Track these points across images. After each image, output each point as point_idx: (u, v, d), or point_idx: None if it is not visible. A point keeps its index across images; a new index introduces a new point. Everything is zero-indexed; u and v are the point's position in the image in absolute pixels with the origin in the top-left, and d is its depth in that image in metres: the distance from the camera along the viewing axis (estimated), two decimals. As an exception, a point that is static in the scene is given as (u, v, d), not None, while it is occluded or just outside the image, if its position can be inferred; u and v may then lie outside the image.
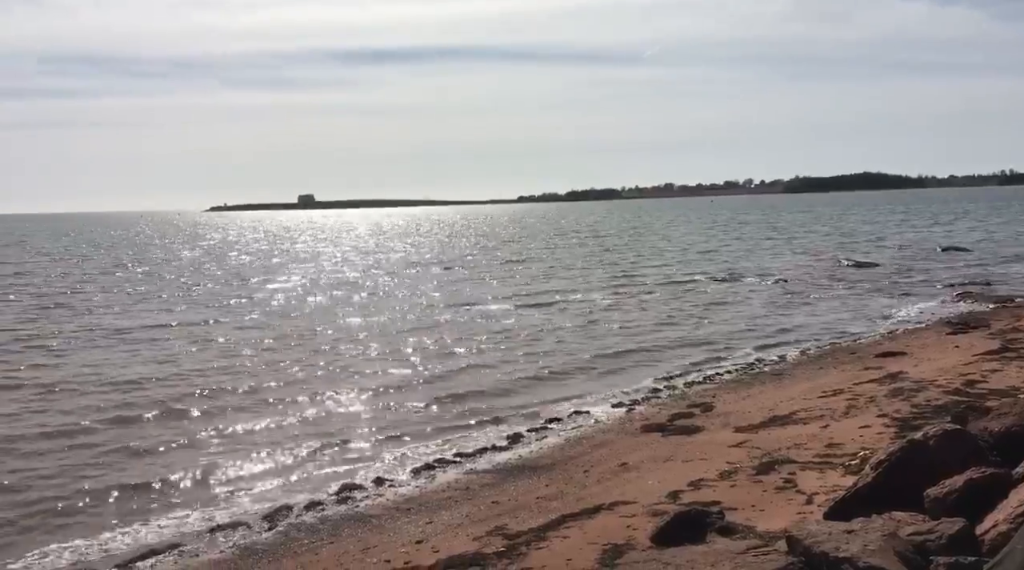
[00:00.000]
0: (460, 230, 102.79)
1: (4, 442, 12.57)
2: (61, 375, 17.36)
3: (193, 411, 14.44)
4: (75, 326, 24.36)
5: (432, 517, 9.50)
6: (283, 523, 9.65)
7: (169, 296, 32.48)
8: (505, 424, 13.76)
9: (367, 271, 43.98)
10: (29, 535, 9.34)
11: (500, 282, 35.65)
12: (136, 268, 48.37)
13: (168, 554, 8.84)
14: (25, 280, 40.70)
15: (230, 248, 71.85)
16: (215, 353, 19.86)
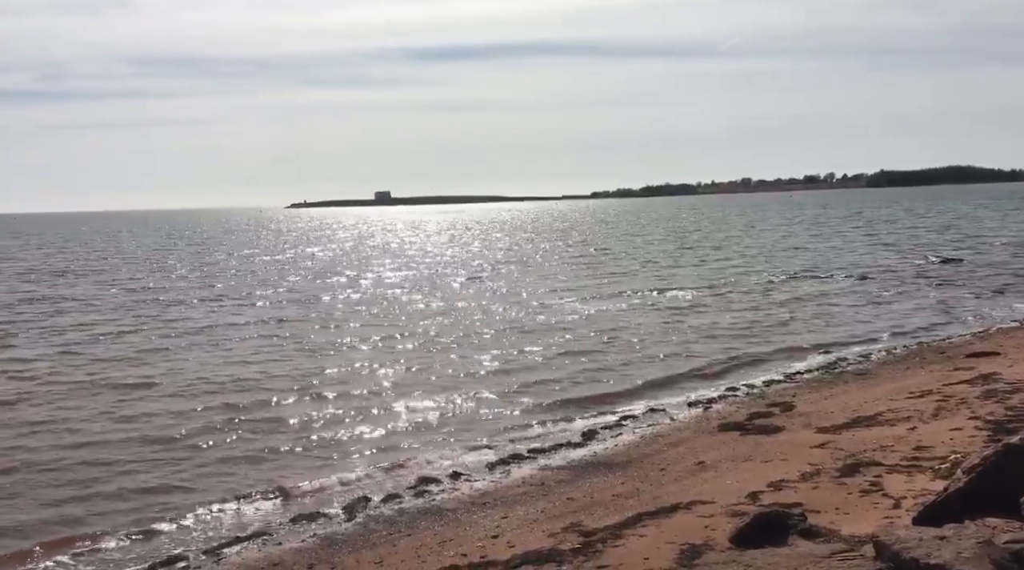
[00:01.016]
0: (535, 226, 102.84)
1: (100, 433, 13.08)
2: (153, 371, 17.98)
3: (275, 404, 14.79)
4: (172, 320, 25.23)
5: (507, 512, 9.53)
6: (362, 514, 9.81)
7: (254, 292, 33.34)
8: (580, 420, 13.71)
9: (444, 267, 44.37)
10: (122, 520, 9.70)
11: (576, 278, 35.53)
12: (230, 262, 49.84)
13: (252, 541, 9.08)
14: (126, 274, 42.31)
15: (314, 244, 73.33)
16: (298, 347, 20.31)
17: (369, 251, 61.29)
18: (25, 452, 11.99)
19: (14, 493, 10.46)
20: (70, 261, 54.22)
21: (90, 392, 15.66)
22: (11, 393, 15.56)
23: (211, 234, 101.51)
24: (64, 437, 12.76)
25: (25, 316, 26.56)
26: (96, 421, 13.61)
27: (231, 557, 8.70)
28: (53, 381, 16.59)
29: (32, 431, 12.98)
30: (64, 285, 37.13)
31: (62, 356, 19.37)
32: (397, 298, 30.10)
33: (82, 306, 28.99)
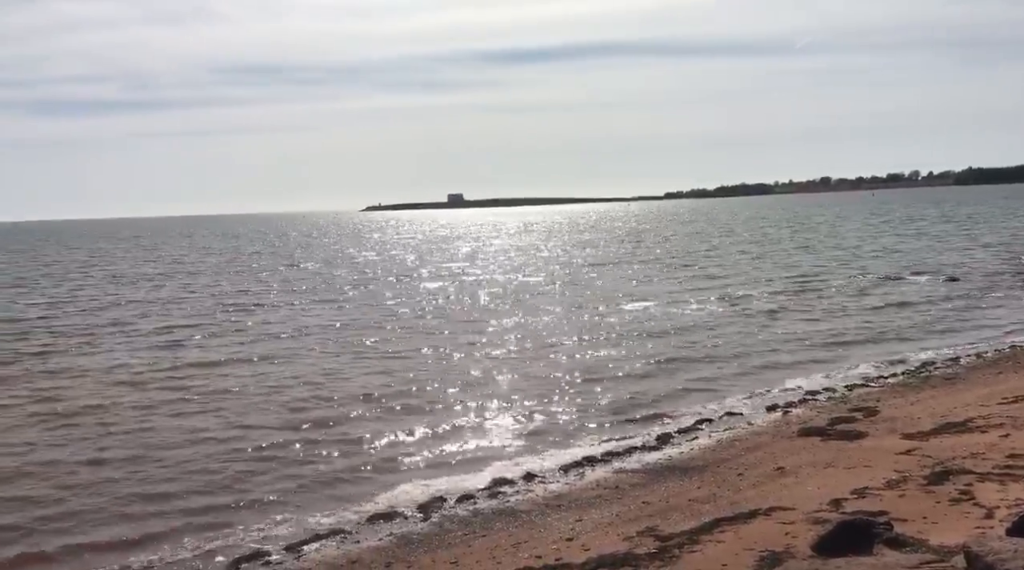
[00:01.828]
0: (610, 228, 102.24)
1: (183, 435, 13.51)
2: (234, 372, 18.49)
3: (353, 405, 15.05)
4: (255, 323, 25.94)
5: (582, 515, 9.49)
6: (437, 515, 9.90)
7: (334, 296, 33.99)
8: (654, 423, 13.57)
9: (519, 270, 44.49)
10: (206, 519, 10.00)
11: (653, 281, 35.20)
12: (308, 266, 50.98)
13: (331, 539, 9.25)
14: (211, 279, 43.66)
15: (392, 248, 74.38)
16: (375, 349, 20.63)
17: (445, 254, 61.82)
18: (110, 452, 12.41)
19: (100, 492, 10.83)
20: (157, 265, 56.16)
21: (175, 395, 16.18)
22: (97, 396, 16.13)
23: (291, 238, 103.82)
24: (149, 437, 13.21)
25: (112, 319, 27.59)
26: (178, 423, 14.04)
27: (311, 554, 8.87)
28: (139, 383, 17.17)
29: (118, 433, 13.44)
30: (151, 288, 38.47)
31: (148, 359, 20.05)
32: (474, 302, 30.27)
33: (166, 309, 29.99)
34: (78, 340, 22.70)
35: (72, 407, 14.85)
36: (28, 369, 18.60)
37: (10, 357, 20.31)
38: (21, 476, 11.37)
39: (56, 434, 13.18)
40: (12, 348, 21.65)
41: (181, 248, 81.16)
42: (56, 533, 9.57)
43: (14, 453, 12.43)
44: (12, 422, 14.19)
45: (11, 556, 9.02)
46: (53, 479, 11.19)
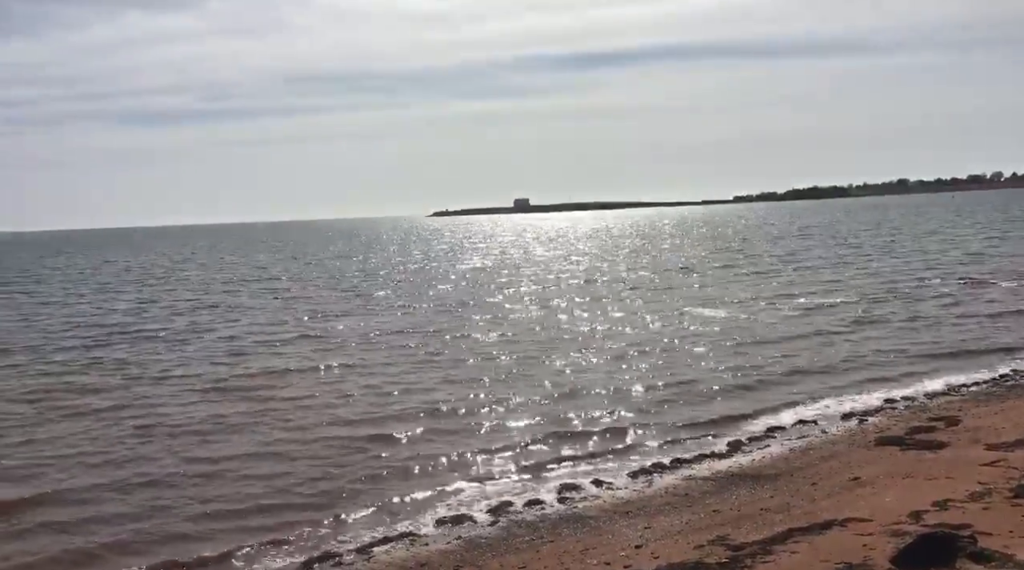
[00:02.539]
0: (678, 232, 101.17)
1: (264, 436, 13.83)
2: (309, 377, 18.83)
3: (421, 409, 15.16)
4: (329, 328, 26.42)
5: (651, 522, 9.39)
6: (505, 519, 9.91)
7: (406, 301, 34.39)
8: (724, 431, 13.35)
9: (587, 274, 44.35)
10: (276, 520, 10.20)
11: (723, 286, 34.66)
12: (380, 271, 51.75)
13: (400, 541, 9.34)
14: (286, 283, 44.62)
15: (461, 252, 74.97)
16: (445, 353, 20.78)
17: (512, 258, 61.99)
18: (190, 453, 12.75)
19: (182, 492, 11.15)
20: (235, 270, 57.64)
21: (247, 402, 16.56)
22: (176, 401, 16.61)
23: (362, 243, 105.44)
24: (224, 441, 13.53)
25: (189, 323, 28.41)
26: (251, 428, 14.33)
27: (380, 556, 8.98)
28: (212, 390, 17.60)
29: (194, 438, 13.75)
30: (229, 293, 39.52)
31: (223, 365, 20.58)
32: (541, 306, 30.26)
33: (242, 315, 30.74)
34: (159, 345, 23.38)
35: (147, 413, 15.19)
36: (109, 374, 19.11)
37: (92, 362, 21.06)
38: (118, 478, 11.70)
39: (136, 439, 13.50)
40: (94, 355, 22.45)
41: (258, 253, 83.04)
42: (147, 527, 9.88)
43: (100, 453, 12.89)
44: (90, 424, 14.69)
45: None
46: (145, 480, 11.50)
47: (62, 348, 22.89)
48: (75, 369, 19.51)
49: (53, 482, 11.45)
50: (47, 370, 19.52)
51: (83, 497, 10.98)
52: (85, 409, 15.57)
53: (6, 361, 21.13)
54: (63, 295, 40.98)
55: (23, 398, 16.55)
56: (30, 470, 11.98)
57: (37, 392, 17.07)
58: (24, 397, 16.66)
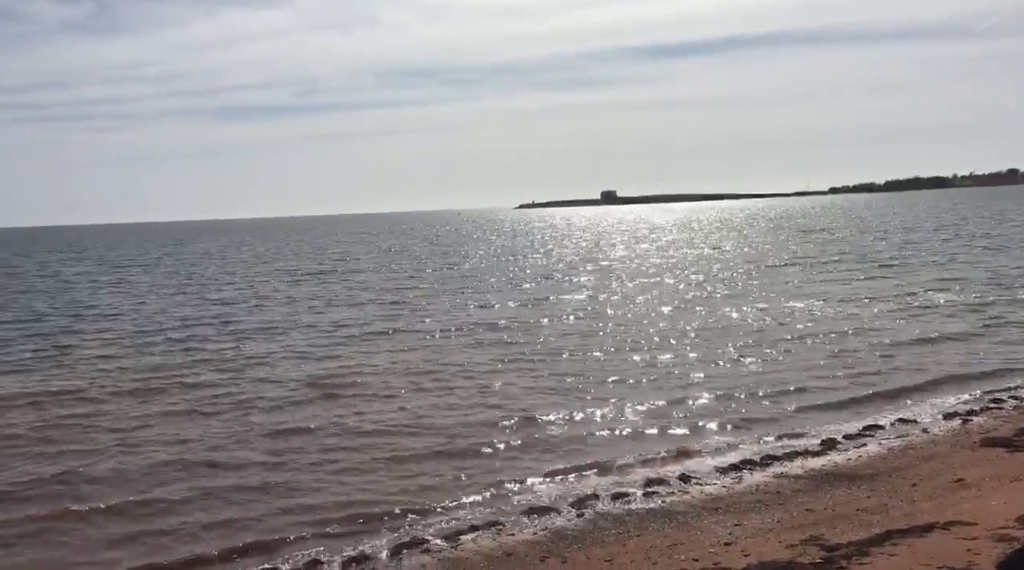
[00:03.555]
0: (773, 224, 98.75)
1: (354, 425, 14.14)
2: (399, 369, 19.14)
3: (506, 401, 15.26)
4: (425, 317, 26.83)
5: (741, 519, 9.21)
6: (590, 512, 9.87)
7: (493, 294, 34.62)
8: (818, 428, 12.98)
9: (676, 268, 43.79)
10: (369, 509, 10.41)
11: (820, 280, 33.69)
12: (467, 263, 52.26)
13: (487, 531, 9.41)
14: (376, 275, 45.44)
15: (549, 244, 75.00)
16: (529, 347, 20.84)
17: (599, 251, 61.67)
18: (285, 443, 13.06)
19: (280, 479, 11.48)
20: (324, 262, 59.05)
21: (342, 391, 16.93)
22: (273, 390, 17.11)
23: (450, 235, 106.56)
24: (318, 430, 13.86)
25: (284, 314, 29.23)
26: (340, 417, 14.67)
27: (467, 544, 9.06)
28: (315, 377, 18.05)
29: (290, 426, 14.15)
30: (317, 283, 40.52)
31: (319, 354, 21.08)
32: (633, 298, 29.99)
33: (329, 306, 31.44)
34: (253, 337, 24.10)
35: (245, 401, 15.59)
36: (205, 363, 19.67)
37: (187, 352, 21.87)
38: (214, 466, 12.07)
39: (235, 427, 13.86)
40: (192, 347, 23.31)
41: (349, 245, 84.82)
42: (252, 511, 10.22)
43: (204, 444, 13.39)
44: (181, 409, 15.27)
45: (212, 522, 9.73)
46: (241, 469, 11.81)
47: (164, 339, 23.62)
48: (177, 363, 19.71)
49: (166, 480, 11.48)
50: (151, 363, 19.70)
51: (187, 484, 11.43)
52: (192, 403, 15.90)
53: (109, 351, 22.14)
54: (167, 286, 42.64)
55: (127, 390, 16.80)
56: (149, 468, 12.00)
57: (144, 382, 17.49)
58: (128, 388, 16.89)
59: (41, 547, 9.34)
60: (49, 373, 18.74)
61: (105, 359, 20.31)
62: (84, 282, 46.49)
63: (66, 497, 10.75)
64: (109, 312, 30.61)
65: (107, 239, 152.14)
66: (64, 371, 18.98)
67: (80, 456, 12.36)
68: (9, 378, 18.34)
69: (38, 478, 11.44)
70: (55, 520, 10.01)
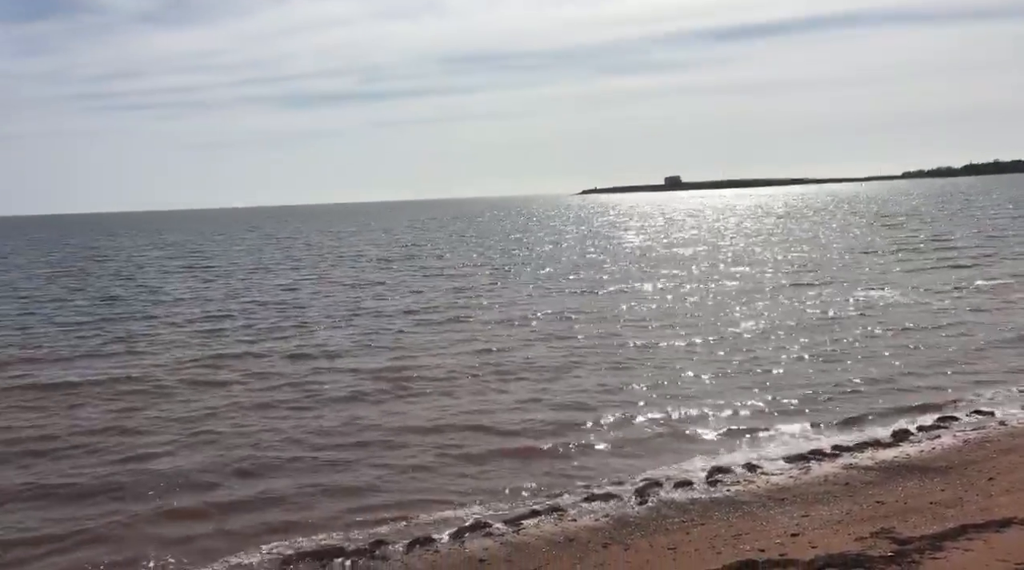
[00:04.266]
0: (845, 209, 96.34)
1: (424, 412, 14.26)
2: (464, 354, 19.22)
3: (572, 389, 15.24)
4: (498, 304, 26.95)
5: (808, 510, 9.03)
6: (654, 499, 9.80)
7: (557, 282, 34.58)
8: (890, 418, 12.66)
9: (745, 254, 43.09)
10: (434, 495, 10.51)
11: (896, 269, 32.77)
12: (534, 250, 52.27)
13: (548, 516, 9.41)
14: (445, 261, 45.83)
15: (622, 229, 74.53)
16: (609, 332, 20.76)
17: (670, 236, 60.99)
18: (367, 435, 12.85)
19: (361, 461, 11.64)
20: (390, 248, 59.67)
21: (410, 375, 17.11)
22: (347, 380, 17.32)
23: (514, 221, 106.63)
24: (388, 417, 14.05)
25: (356, 298, 29.64)
26: (411, 405, 14.83)
27: (529, 528, 9.07)
28: (389, 366, 18.25)
29: (373, 412, 14.40)
30: (382, 269, 40.99)
31: (396, 344, 21.31)
32: (703, 287, 29.57)
33: (394, 293, 31.76)
34: (319, 325, 24.47)
35: (312, 392, 15.53)
36: (273, 353, 19.85)
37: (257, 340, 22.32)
38: (279, 454, 12.34)
39: (301, 418, 13.84)
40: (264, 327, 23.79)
41: (414, 231, 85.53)
42: (317, 496, 10.40)
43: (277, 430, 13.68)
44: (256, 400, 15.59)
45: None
46: (306, 457, 11.89)
47: (232, 327, 23.85)
48: (243, 352, 19.70)
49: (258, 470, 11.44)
50: (219, 351, 19.68)
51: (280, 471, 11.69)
52: (270, 396, 16.17)
53: (179, 336, 22.74)
54: (236, 272, 43.63)
55: (194, 379, 16.71)
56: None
57: (212, 371, 17.59)
58: (195, 378, 16.82)
59: (100, 544, 9.13)
60: (120, 360, 18.91)
61: (174, 346, 20.43)
62: (156, 267, 47.79)
63: (129, 489, 10.75)
64: (179, 297, 31.26)
65: (178, 225, 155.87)
66: (134, 358, 19.08)
67: (147, 447, 12.27)
68: (80, 363, 18.64)
69: (103, 469, 11.38)
70: (115, 514, 9.81)
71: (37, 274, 45.42)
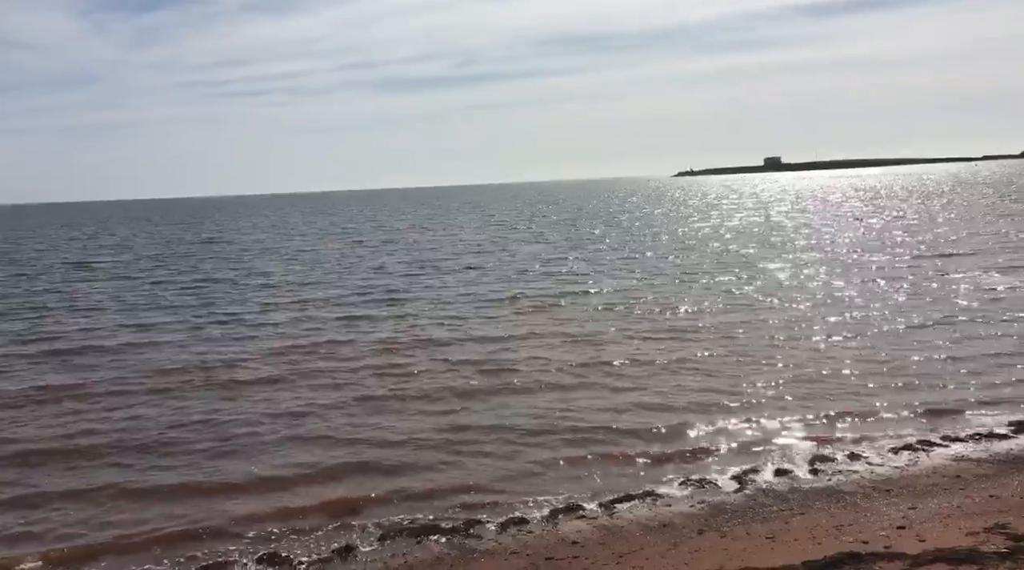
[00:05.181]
0: (954, 191, 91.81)
1: (522, 398, 14.34)
2: (558, 343, 19.19)
3: (670, 372, 15.07)
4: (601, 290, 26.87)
5: (916, 503, 8.68)
6: (751, 487, 9.60)
7: (660, 265, 34.15)
8: (1005, 409, 12.03)
9: (855, 239, 41.63)
10: (521, 475, 10.56)
11: (1002, 253, 31.11)
12: (632, 235, 51.82)
13: (643, 500, 9.33)
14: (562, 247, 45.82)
15: (719, 212, 73.21)
16: (710, 316, 20.44)
17: (771, 221, 59.44)
18: (469, 418, 12.86)
19: (463, 449, 11.77)
20: (484, 231, 59.98)
21: (508, 362, 17.17)
22: (442, 373, 17.50)
23: (609, 205, 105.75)
24: (494, 403, 14.18)
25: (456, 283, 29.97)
26: (509, 391, 14.91)
27: (623, 512, 9.02)
28: (491, 351, 18.35)
29: (477, 402, 14.48)
30: (478, 253, 41.25)
31: (493, 335, 21.42)
32: (813, 276, 28.67)
33: (494, 279, 31.91)
34: (417, 312, 24.77)
35: (412, 383, 15.40)
36: (373, 342, 19.76)
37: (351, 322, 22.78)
38: (382, 445, 12.22)
39: (404, 407, 13.66)
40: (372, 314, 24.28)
41: (507, 214, 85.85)
42: (416, 479, 10.63)
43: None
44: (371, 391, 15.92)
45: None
46: (407, 444, 12.08)
47: (331, 317, 23.61)
48: (341, 339, 19.56)
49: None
50: (317, 338, 19.50)
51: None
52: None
53: (279, 318, 23.41)
54: (330, 259, 44.61)
55: (292, 369, 16.45)
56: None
57: (309, 360, 17.45)
58: (292, 367, 16.51)
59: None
60: (218, 345, 18.96)
61: (271, 331, 20.39)
62: (256, 249, 49.26)
63: (242, 453, 11.34)
64: (278, 281, 31.51)
65: (278, 208, 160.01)
66: (233, 344, 19.00)
67: (248, 436, 12.27)
68: (169, 350, 18.41)
69: (203, 457, 11.42)
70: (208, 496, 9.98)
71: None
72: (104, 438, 12.27)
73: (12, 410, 13.90)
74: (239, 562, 8.27)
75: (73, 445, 11.98)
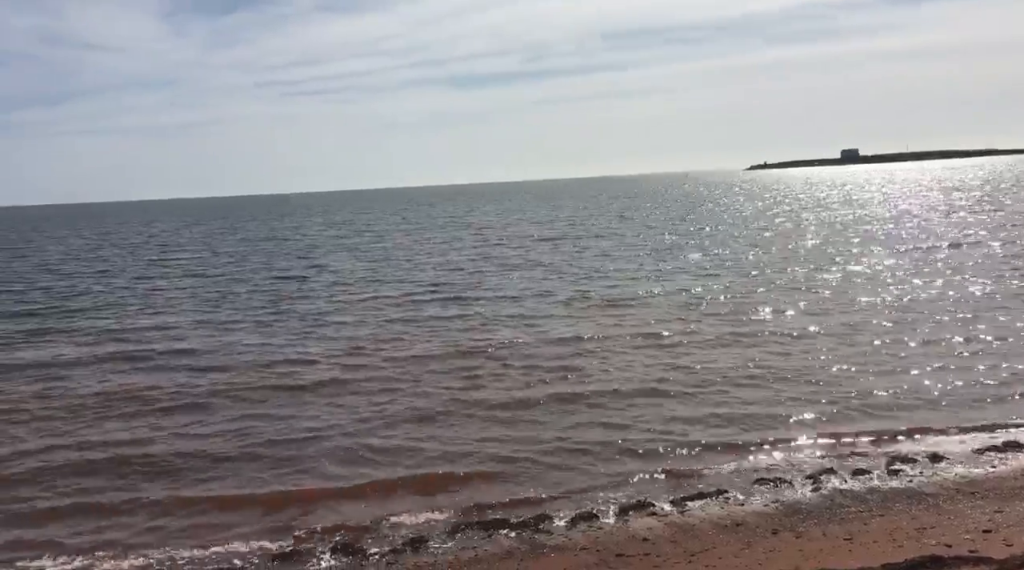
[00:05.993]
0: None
1: (572, 393, 14.32)
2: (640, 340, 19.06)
3: (740, 370, 14.84)
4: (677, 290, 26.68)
5: (1003, 506, 8.36)
6: (827, 487, 9.38)
7: (725, 263, 33.67)
8: (1101, 410, 11.47)
9: (958, 235, 40.29)
10: (598, 470, 10.53)
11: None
12: (702, 231, 51.16)
13: (715, 498, 9.21)
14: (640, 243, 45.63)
15: (804, 208, 71.74)
16: (779, 315, 20.06)
17: (851, 215, 57.94)
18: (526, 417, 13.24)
19: (527, 440, 11.91)
20: (554, 226, 59.84)
21: (580, 356, 17.15)
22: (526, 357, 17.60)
23: (683, 200, 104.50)
24: (544, 402, 14.18)
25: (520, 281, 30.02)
26: (590, 379, 14.85)
27: (694, 510, 8.91)
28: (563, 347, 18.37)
29: (547, 395, 14.56)
30: (551, 249, 41.20)
31: (569, 332, 21.43)
32: (897, 268, 27.87)
33: (567, 275, 31.78)
34: (488, 312, 24.89)
35: (481, 384, 15.26)
36: (448, 343, 19.99)
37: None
38: (455, 441, 12.67)
39: (471, 407, 13.55)
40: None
41: (578, 210, 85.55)
42: (488, 475, 10.64)
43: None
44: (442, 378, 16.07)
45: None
46: (481, 441, 12.36)
47: (397, 316, 22.88)
48: (409, 336, 19.73)
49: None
50: (382, 334, 20.10)
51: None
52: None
53: (345, 318, 23.75)
54: (398, 256, 45.09)
55: (363, 364, 16.69)
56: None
57: (375, 360, 17.52)
58: (362, 364, 16.60)
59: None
60: (282, 340, 19.11)
61: (340, 330, 20.18)
62: (328, 244, 50.07)
63: (323, 456, 11.50)
64: (347, 279, 31.29)
65: (350, 205, 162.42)
66: (300, 344, 18.80)
67: (309, 431, 12.33)
68: (242, 350, 18.31)
69: (265, 449, 11.62)
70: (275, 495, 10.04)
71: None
72: (189, 444, 12.01)
73: (101, 408, 14.39)
74: (315, 551, 8.46)
75: (163, 452, 11.98)
